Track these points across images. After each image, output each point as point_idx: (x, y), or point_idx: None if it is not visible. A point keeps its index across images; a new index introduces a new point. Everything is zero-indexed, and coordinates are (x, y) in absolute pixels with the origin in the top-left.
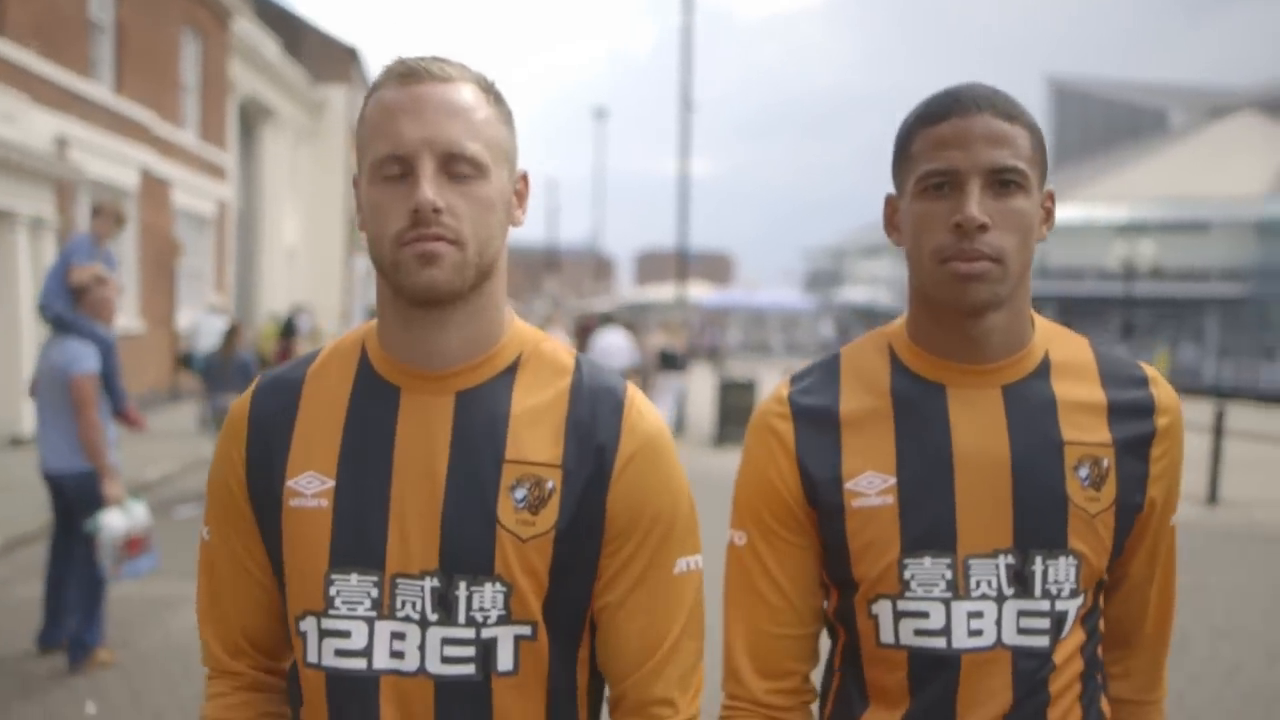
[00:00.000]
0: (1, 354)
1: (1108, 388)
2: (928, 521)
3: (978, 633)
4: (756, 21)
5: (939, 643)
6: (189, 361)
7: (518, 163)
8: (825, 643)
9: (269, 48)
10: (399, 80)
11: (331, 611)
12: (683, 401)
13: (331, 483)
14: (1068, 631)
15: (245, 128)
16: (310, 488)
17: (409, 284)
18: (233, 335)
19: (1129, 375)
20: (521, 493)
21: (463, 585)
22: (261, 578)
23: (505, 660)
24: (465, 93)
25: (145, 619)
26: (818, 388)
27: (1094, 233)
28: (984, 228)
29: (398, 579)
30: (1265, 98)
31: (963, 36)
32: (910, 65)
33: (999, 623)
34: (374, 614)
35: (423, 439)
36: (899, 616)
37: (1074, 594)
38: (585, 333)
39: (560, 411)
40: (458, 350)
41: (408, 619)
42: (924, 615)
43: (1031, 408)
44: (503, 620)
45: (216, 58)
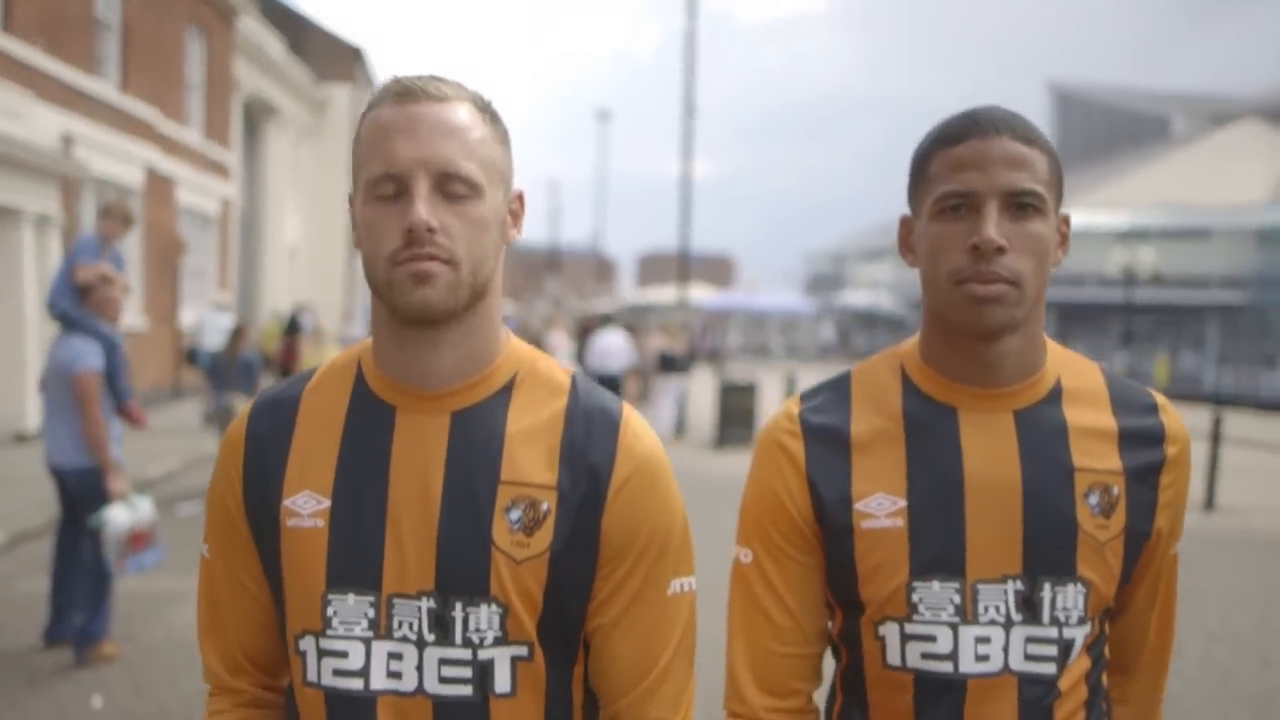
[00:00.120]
0: (6, 351)
1: (1119, 415)
2: (937, 545)
3: (985, 658)
4: (759, 24)
5: (945, 667)
6: (194, 357)
7: (513, 181)
8: (829, 663)
9: (273, 46)
10: (395, 99)
11: (329, 631)
12: (683, 404)
13: (327, 502)
14: (1074, 659)
15: (249, 126)
16: (306, 507)
17: (403, 303)
18: (238, 335)
19: (1139, 402)
20: (516, 514)
21: (459, 606)
22: (260, 595)
23: (503, 681)
24: (461, 112)
25: (147, 614)
26: (828, 407)
27: (1095, 239)
28: (1001, 250)
29: (394, 599)
30: (1267, 105)
31: (966, 41)
32: (913, 70)
33: (1006, 648)
34: (371, 634)
35: (418, 459)
36: (906, 639)
37: (1082, 621)
38: (586, 334)
39: (556, 432)
40: (453, 370)
41: (404, 639)
42: (931, 639)
43: (1043, 433)
44: (499, 641)
45: (221, 56)
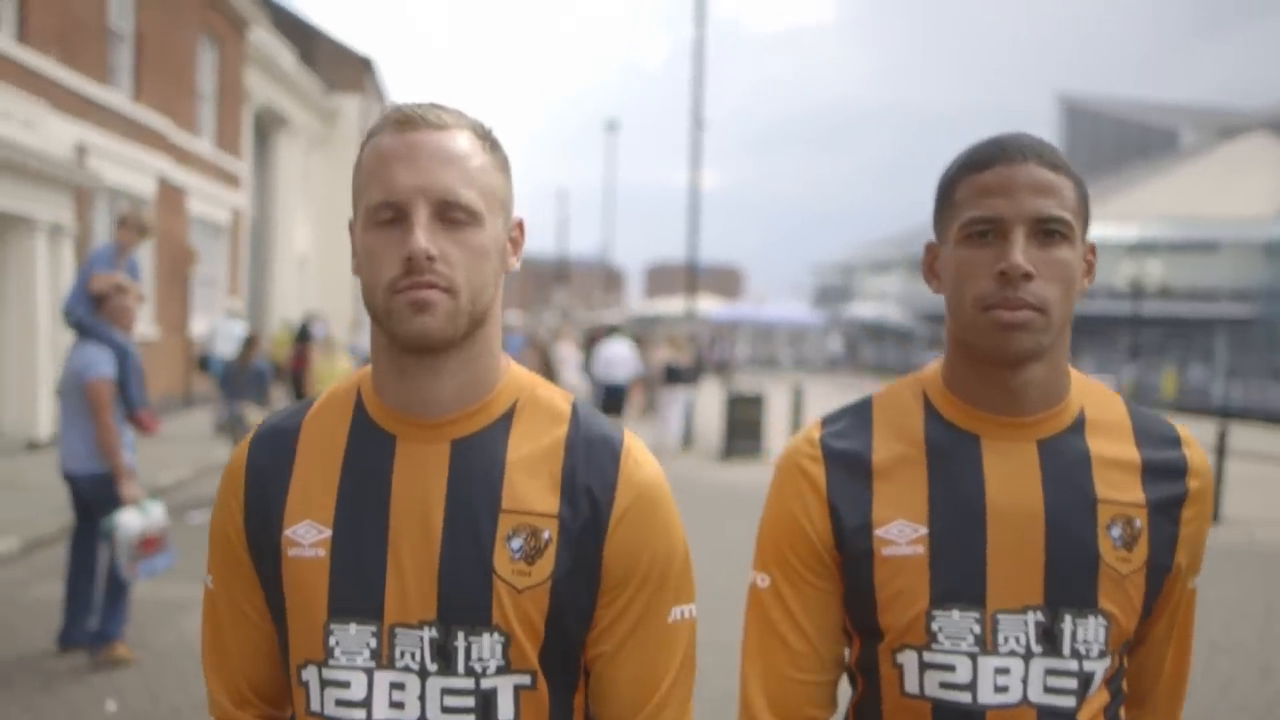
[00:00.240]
0: (19, 359)
1: (1142, 447)
2: (958, 574)
3: (1004, 689)
4: (768, 34)
5: (964, 697)
6: (206, 364)
7: (513, 209)
8: (844, 692)
9: (284, 57)
10: (395, 127)
11: (331, 661)
12: (690, 414)
13: (328, 532)
14: (1094, 692)
15: (259, 136)
16: (308, 537)
17: (401, 331)
18: (250, 344)
19: (1162, 435)
20: (518, 543)
21: (461, 635)
22: (262, 625)
23: (506, 710)
24: (461, 140)
25: (159, 620)
26: (850, 432)
27: (1103, 251)
28: (1028, 276)
29: (396, 629)
30: (1276, 119)
31: (975, 52)
32: (922, 81)
33: (1025, 680)
34: (373, 664)
35: (419, 488)
36: (924, 668)
37: (1102, 655)
38: (593, 344)
39: (556, 460)
40: (452, 398)
41: (407, 669)
42: (950, 669)
43: (1066, 464)
44: (502, 670)
45: (233, 66)
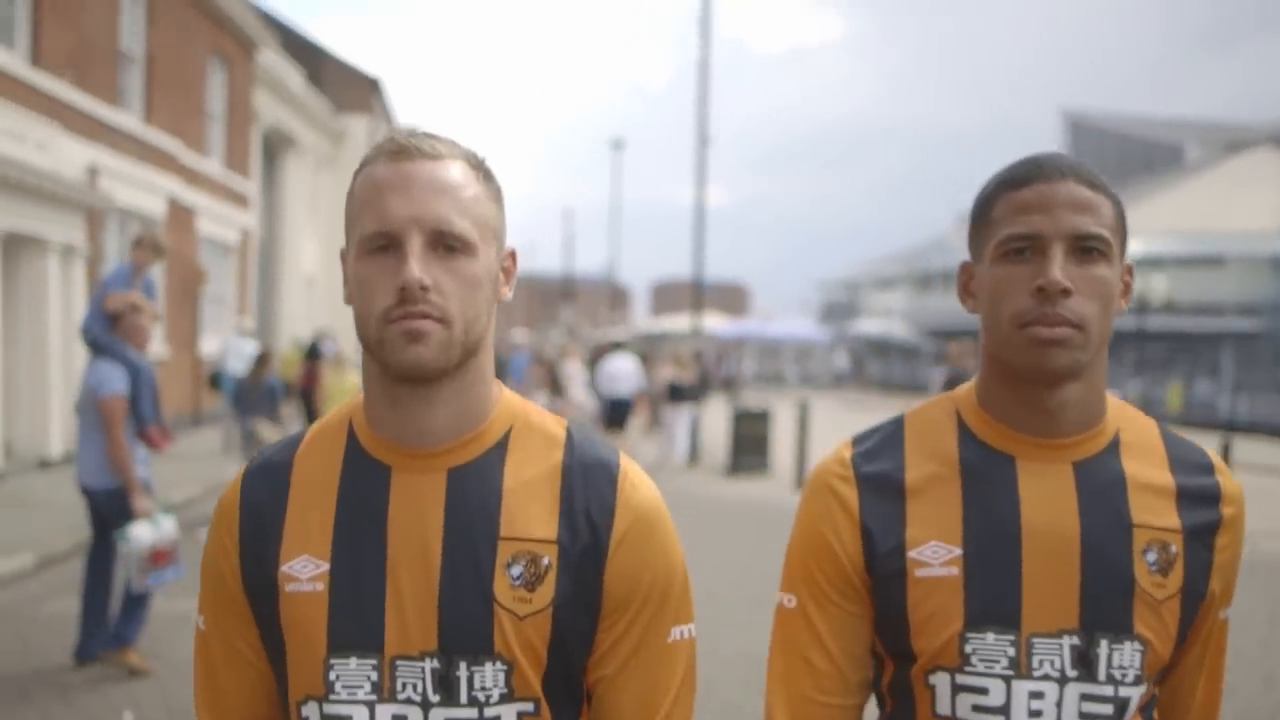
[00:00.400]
0: (31, 378)
1: (1176, 472)
2: (992, 596)
3: (1037, 713)
4: (775, 53)
5: None
6: (217, 382)
7: (505, 240)
8: (870, 713)
9: (293, 78)
10: (389, 157)
11: (332, 696)
12: (696, 430)
13: (326, 566)
14: (1129, 719)
15: (268, 156)
16: (305, 572)
17: (395, 361)
18: (262, 361)
19: (1195, 462)
20: (518, 570)
21: (463, 665)
22: (257, 663)
23: None
24: (454, 170)
25: (174, 633)
26: (881, 451)
27: None
28: (1067, 293)
29: (397, 661)
30: None
31: (982, 69)
32: (929, 99)
33: (1060, 704)
34: (374, 697)
35: (416, 518)
36: (957, 690)
37: (1138, 681)
38: (599, 361)
39: (554, 486)
40: (447, 427)
41: (409, 700)
42: (983, 691)
43: (1102, 487)
44: (505, 699)
45: (242, 87)
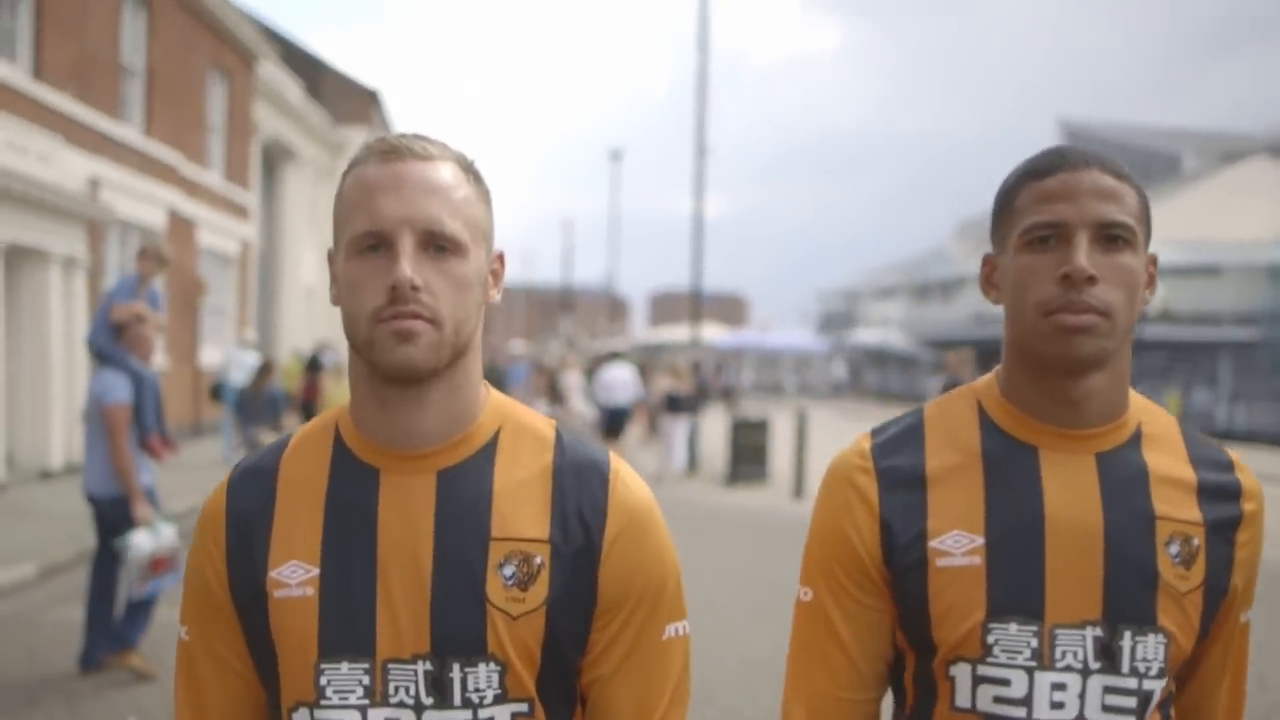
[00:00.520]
0: (33, 389)
1: (1197, 467)
2: (1015, 586)
3: (1059, 705)
4: (773, 62)
5: (1019, 712)
6: (218, 393)
7: (494, 242)
8: (886, 706)
9: (292, 90)
10: (379, 158)
11: (323, 701)
12: (695, 439)
13: (316, 570)
14: (1150, 713)
15: (267, 168)
16: (294, 577)
17: (384, 361)
18: (264, 371)
19: (1215, 458)
20: (510, 570)
21: (456, 667)
22: (244, 673)
23: None
24: (445, 171)
25: (175, 640)
26: (901, 442)
27: None
28: (1092, 280)
29: (389, 665)
30: (1277, 142)
31: (981, 78)
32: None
33: (1083, 696)
34: (366, 702)
35: (406, 520)
36: (978, 681)
37: (1161, 674)
38: (596, 370)
39: (545, 486)
40: (436, 428)
41: (401, 704)
42: (1005, 683)
43: (1125, 478)
44: (499, 699)
45: (242, 100)
